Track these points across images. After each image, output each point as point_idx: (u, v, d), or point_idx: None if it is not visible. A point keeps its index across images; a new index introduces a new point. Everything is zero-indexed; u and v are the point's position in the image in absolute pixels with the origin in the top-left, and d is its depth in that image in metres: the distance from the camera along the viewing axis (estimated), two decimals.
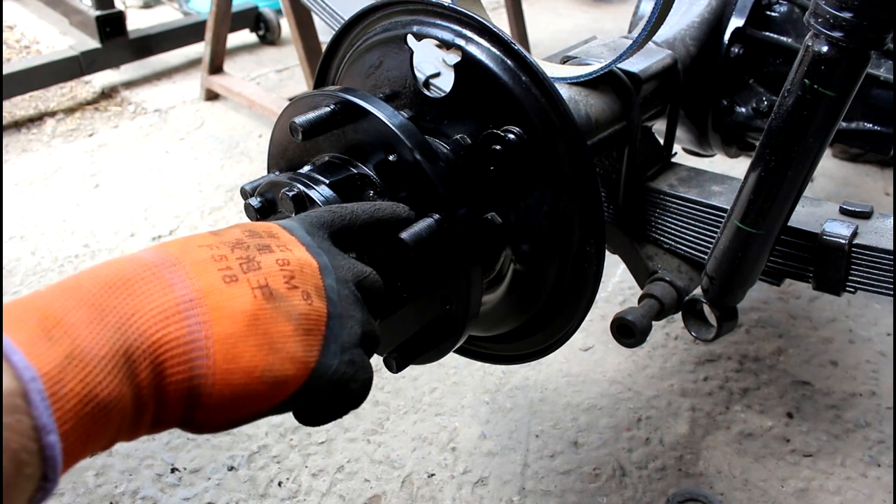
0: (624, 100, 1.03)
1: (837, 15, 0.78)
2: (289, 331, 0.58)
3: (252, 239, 0.61)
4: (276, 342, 0.57)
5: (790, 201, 0.93)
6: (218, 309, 0.55)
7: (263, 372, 0.56)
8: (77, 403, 0.47)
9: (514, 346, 1.00)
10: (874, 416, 1.55)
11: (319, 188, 0.78)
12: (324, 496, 1.39)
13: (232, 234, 0.61)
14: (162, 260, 0.56)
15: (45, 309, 0.49)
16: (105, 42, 2.78)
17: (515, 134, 0.82)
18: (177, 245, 0.59)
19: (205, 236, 0.61)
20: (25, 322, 0.48)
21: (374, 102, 0.80)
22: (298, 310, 0.59)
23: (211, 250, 0.58)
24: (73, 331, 0.49)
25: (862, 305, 1.83)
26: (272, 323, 0.57)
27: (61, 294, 0.51)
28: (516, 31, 2.94)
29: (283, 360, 0.57)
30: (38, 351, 0.46)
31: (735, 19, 1.23)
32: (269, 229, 0.64)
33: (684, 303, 1.08)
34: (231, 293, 0.56)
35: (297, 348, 0.58)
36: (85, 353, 0.48)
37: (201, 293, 0.55)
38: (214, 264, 0.57)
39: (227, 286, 0.56)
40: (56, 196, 2.26)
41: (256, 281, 0.58)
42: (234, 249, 0.59)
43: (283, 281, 0.59)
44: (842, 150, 2.40)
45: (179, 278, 0.55)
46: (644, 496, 1.39)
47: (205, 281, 0.56)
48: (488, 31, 0.83)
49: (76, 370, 0.47)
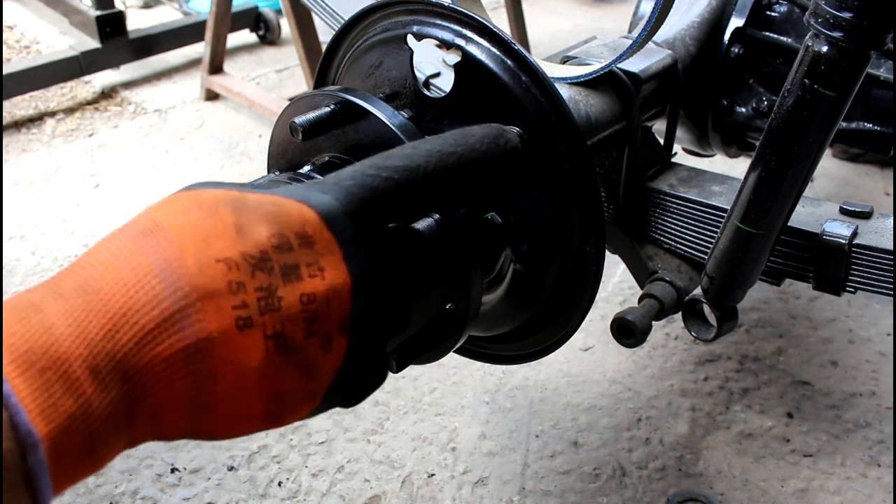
0: (624, 100, 1.03)
1: (837, 15, 0.78)
2: (297, 383, 0.53)
3: (280, 254, 0.52)
4: (282, 394, 0.53)
5: (790, 201, 0.93)
6: (225, 363, 0.50)
7: (261, 416, 0.54)
8: (75, 460, 0.46)
9: (514, 346, 1.00)
10: (874, 416, 1.55)
11: None
12: (324, 496, 1.39)
13: (258, 238, 0.52)
14: (171, 287, 0.49)
15: (50, 352, 0.46)
16: (105, 42, 2.77)
17: (515, 134, 0.82)
18: (193, 252, 0.50)
19: (227, 233, 0.51)
20: (30, 368, 0.44)
21: (374, 102, 0.80)
22: (312, 360, 0.53)
23: (229, 272, 0.50)
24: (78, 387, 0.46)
25: (862, 305, 1.83)
26: (280, 376, 0.52)
27: (68, 335, 0.47)
28: (516, 31, 2.94)
29: (284, 409, 0.54)
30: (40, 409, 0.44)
31: (735, 19, 1.23)
32: (303, 228, 0.54)
33: (684, 303, 1.08)
34: (242, 344, 0.50)
35: (302, 397, 0.54)
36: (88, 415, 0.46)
37: (209, 342, 0.49)
38: (230, 299, 0.50)
39: (239, 334, 0.50)
40: (56, 196, 2.26)
41: (272, 327, 0.51)
42: (256, 273, 0.51)
43: (303, 326, 0.52)
44: (842, 150, 2.40)
45: (188, 321, 0.49)
46: (644, 496, 1.39)
47: (216, 325, 0.49)
48: (488, 31, 0.83)
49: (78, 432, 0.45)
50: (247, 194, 0.55)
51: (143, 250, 0.50)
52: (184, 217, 0.52)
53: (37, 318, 0.47)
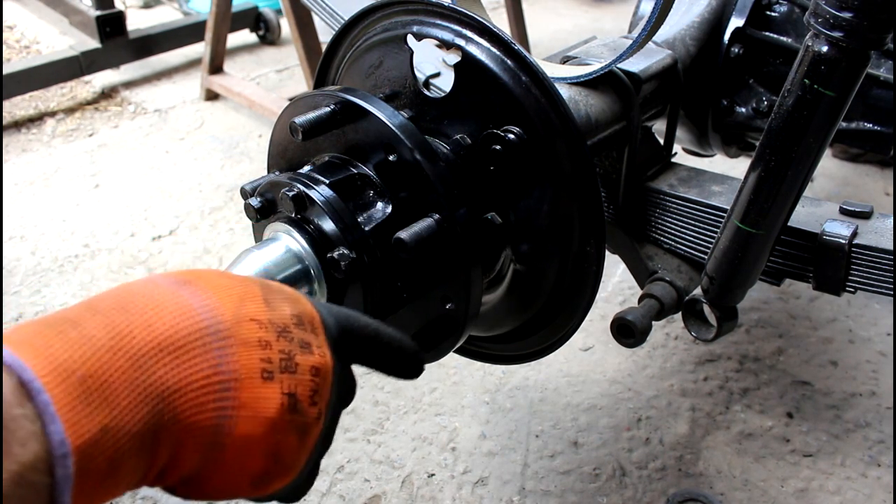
0: (624, 100, 1.03)
1: (837, 15, 0.78)
2: (294, 445, 0.57)
3: (298, 330, 0.58)
4: (280, 454, 0.56)
5: (790, 201, 0.93)
6: (246, 407, 0.53)
7: (258, 476, 0.56)
8: (98, 480, 0.46)
9: (515, 346, 1.00)
10: (874, 416, 1.55)
11: (319, 188, 0.78)
12: (324, 496, 1.39)
13: (283, 313, 0.58)
14: (214, 327, 0.53)
15: (91, 363, 0.46)
16: (105, 42, 2.78)
17: (515, 134, 0.82)
18: (231, 305, 0.55)
19: (258, 302, 0.57)
20: (68, 375, 0.45)
21: (374, 102, 0.80)
22: (308, 426, 0.58)
23: (260, 330, 0.55)
24: (115, 398, 0.46)
25: (862, 305, 1.83)
26: (284, 434, 0.56)
27: (110, 344, 0.48)
28: (516, 31, 2.94)
29: (279, 470, 0.57)
30: (77, 419, 0.44)
31: (735, 19, 1.23)
32: (314, 320, 0.61)
33: (684, 303, 1.08)
34: (263, 393, 0.54)
35: (293, 460, 0.58)
36: (120, 429, 0.46)
37: (238, 383, 0.53)
38: (259, 351, 0.54)
39: (262, 383, 0.54)
40: (56, 196, 2.26)
41: (288, 386, 0.55)
42: (280, 338, 0.56)
43: (309, 395, 0.57)
44: (842, 150, 2.40)
45: (225, 358, 0.52)
46: (644, 496, 1.39)
47: (245, 369, 0.53)
48: (488, 31, 0.83)
49: (107, 446, 0.45)
50: (268, 280, 0.62)
51: (184, 292, 0.54)
52: (219, 280, 0.57)
53: (75, 331, 0.47)
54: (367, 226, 0.78)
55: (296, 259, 0.77)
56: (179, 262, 1.98)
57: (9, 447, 0.41)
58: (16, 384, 0.43)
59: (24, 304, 1.83)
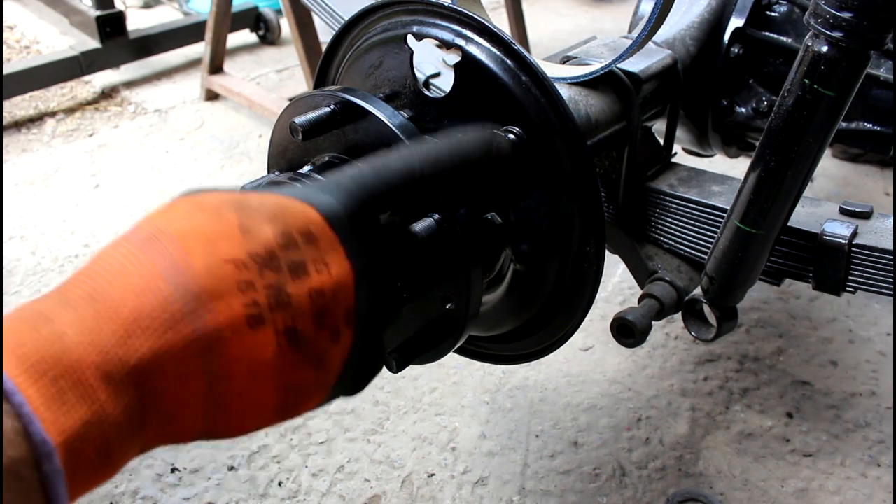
0: (624, 100, 1.03)
1: (837, 15, 0.78)
2: (309, 375, 0.54)
3: (286, 252, 0.53)
4: (295, 386, 0.54)
5: (790, 201, 0.93)
6: (238, 361, 0.50)
7: (275, 408, 0.54)
8: (89, 468, 0.46)
9: (514, 346, 1.00)
10: (874, 416, 1.55)
11: None
12: (324, 496, 1.39)
13: (265, 238, 0.53)
14: (182, 289, 0.49)
15: (63, 365, 0.45)
16: (105, 42, 2.77)
17: (515, 134, 0.82)
18: (200, 255, 0.50)
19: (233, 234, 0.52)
20: (43, 376, 0.44)
21: (374, 102, 0.80)
22: (322, 352, 0.54)
23: (238, 271, 0.51)
24: (92, 393, 0.46)
25: (862, 305, 1.83)
26: (293, 370, 0.53)
27: (80, 342, 0.47)
28: (516, 31, 2.94)
29: (297, 401, 0.55)
30: (54, 417, 0.44)
31: (735, 19, 1.23)
32: (307, 227, 0.55)
33: (684, 303, 1.08)
34: (254, 341, 0.51)
35: (314, 388, 0.55)
36: (103, 420, 0.46)
37: (221, 340, 0.49)
38: (240, 297, 0.50)
39: (250, 331, 0.50)
40: (56, 196, 2.26)
41: (283, 323, 0.52)
42: (264, 271, 0.52)
43: (313, 320, 0.53)
44: (842, 150, 2.40)
45: (200, 319, 0.49)
46: (644, 496, 1.39)
47: (227, 322, 0.50)
48: (488, 31, 0.83)
49: (93, 437, 0.45)
50: (248, 195, 0.56)
51: (150, 256, 0.50)
52: (187, 221, 0.52)
53: (47, 327, 0.47)
54: None
55: None
56: None
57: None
58: None
59: None
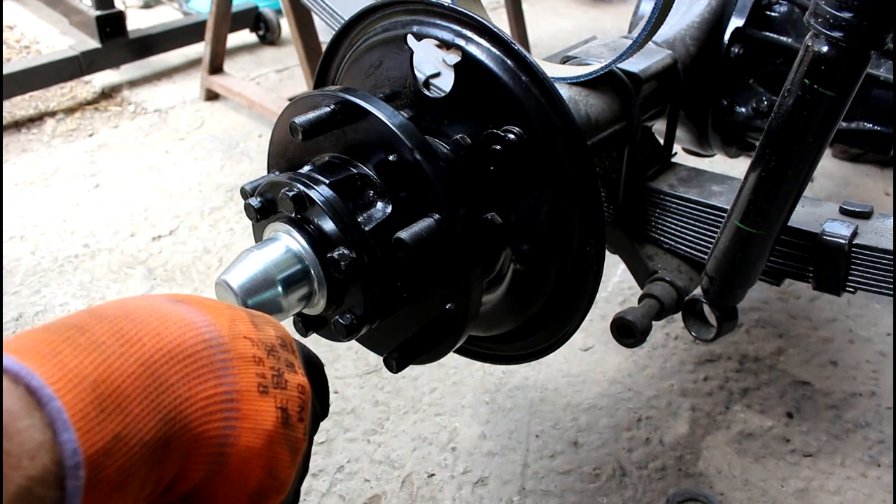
0: (624, 100, 1.03)
1: (837, 15, 0.78)
2: (286, 461, 0.58)
3: (283, 351, 0.60)
4: (276, 469, 0.57)
5: (790, 201, 0.93)
6: (248, 418, 0.54)
7: (255, 492, 0.56)
8: (108, 490, 0.44)
9: (515, 346, 1.00)
10: (874, 416, 1.55)
11: (319, 188, 0.78)
12: (324, 496, 1.39)
13: (269, 335, 0.60)
14: (216, 340, 0.54)
15: (103, 369, 0.45)
16: (105, 42, 2.77)
17: (515, 134, 0.82)
18: (226, 323, 0.56)
19: (247, 323, 0.59)
20: (80, 381, 0.43)
21: (374, 102, 0.80)
22: (297, 442, 0.59)
23: (253, 347, 0.57)
24: (127, 405, 0.45)
25: (862, 305, 1.83)
26: (279, 449, 0.57)
27: (121, 351, 0.47)
28: (516, 31, 2.94)
29: (274, 486, 0.57)
30: (90, 427, 0.43)
31: (735, 19, 1.23)
32: (292, 343, 0.63)
33: (684, 303, 1.08)
34: (261, 406, 0.55)
35: (286, 476, 0.59)
36: (132, 437, 0.45)
37: (240, 395, 0.53)
38: (254, 367, 0.56)
39: (259, 396, 0.55)
40: (56, 196, 2.26)
41: (281, 401, 0.57)
42: (270, 356, 0.58)
43: (297, 411, 0.59)
44: (842, 150, 2.40)
45: (228, 370, 0.53)
46: (644, 496, 1.39)
47: (245, 382, 0.54)
48: (488, 31, 0.83)
49: (119, 455, 0.44)
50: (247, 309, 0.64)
51: (181, 308, 0.54)
52: (209, 301, 0.58)
53: (83, 337, 0.46)
54: (367, 226, 0.78)
55: (296, 259, 0.77)
56: (179, 261, 1.98)
57: (18, 461, 0.39)
58: (23, 393, 0.41)
59: (24, 304, 1.83)
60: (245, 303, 0.73)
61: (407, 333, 0.85)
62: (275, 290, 0.75)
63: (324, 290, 0.78)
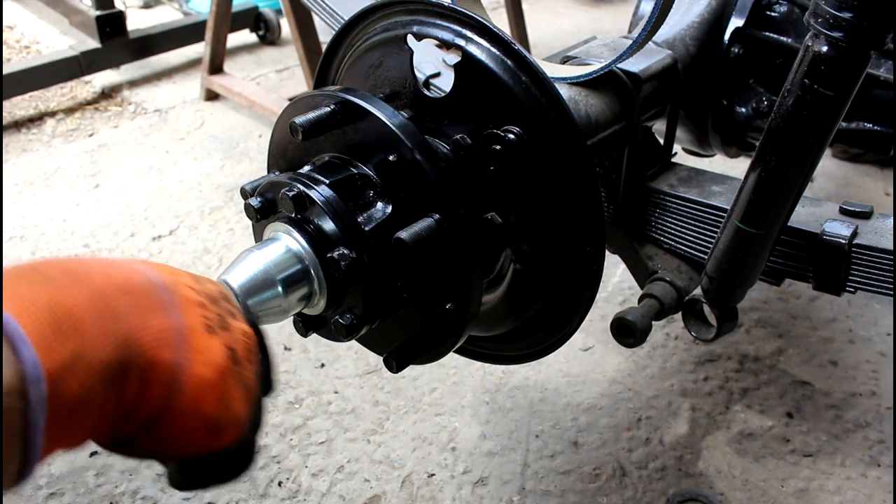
0: (624, 100, 1.03)
1: (837, 15, 0.78)
2: (240, 397, 0.61)
3: (225, 303, 0.64)
4: (229, 402, 0.60)
5: (790, 201, 0.93)
6: (198, 351, 0.57)
7: (212, 423, 0.59)
8: (70, 406, 0.47)
9: (515, 346, 1.00)
10: (874, 416, 1.55)
11: (319, 188, 0.78)
12: (324, 496, 1.39)
13: (209, 289, 0.64)
14: (161, 283, 0.58)
15: (56, 296, 0.48)
16: (105, 42, 2.77)
17: (515, 134, 0.82)
18: (168, 273, 0.61)
19: (188, 276, 0.63)
20: (36, 306, 0.47)
21: (374, 102, 0.80)
22: (248, 382, 0.63)
23: (196, 295, 0.61)
24: (83, 328, 0.48)
25: (862, 305, 1.83)
26: (231, 385, 0.60)
27: (72, 283, 0.50)
28: (516, 31, 2.94)
29: (228, 418, 0.60)
30: (47, 344, 0.46)
31: (735, 19, 1.23)
32: (233, 301, 0.67)
33: (684, 303, 1.08)
34: (210, 343, 0.59)
35: (239, 412, 0.62)
36: (90, 355, 0.48)
37: (189, 330, 0.57)
38: (199, 310, 0.60)
39: (207, 335, 0.59)
40: (56, 196, 2.26)
41: (227, 340, 0.61)
42: (212, 304, 0.62)
43: (244, 351, 0.63)
44: (842, 150, 2.40)
45: (174, 308, 0.57)
46: (644, 496, 1.39)
47: (191, 320, 0.58)
48: (488, 31, 0.83)
49: (79, 371, 0.47)
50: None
51: (125, 261, 0.59)
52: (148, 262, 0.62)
53: (35, 274, 0.50)
54: (367, 226, 0.78)
55: (296, 259, 0.77)
56: (179, 261, 1.98)
57: None
58: None
59: None
60: (245, 303, 0.73)
61: (407, 333, 0.85)
62: (275, 290, 0.75)
63: (324, 289, 0.79)
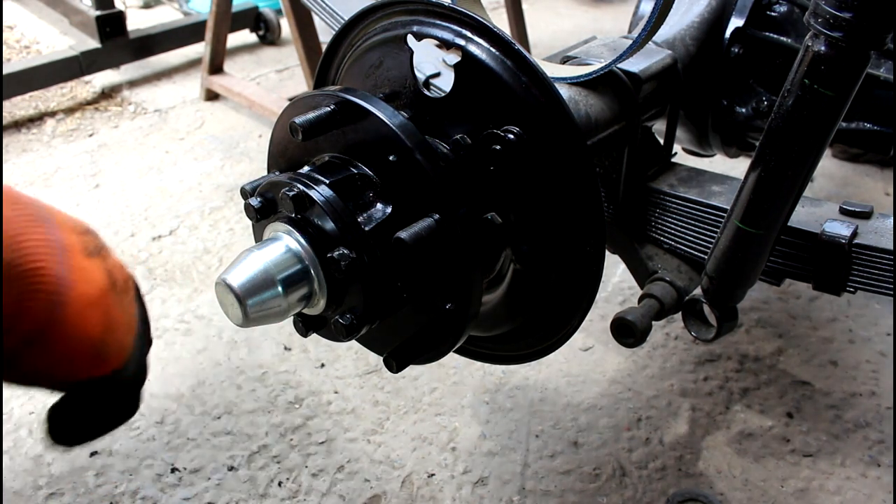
0: (624, 100, 1.03)
1: (837, 15, 0.78)
2: (123, 322, 0.64)
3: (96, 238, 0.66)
4: (112, 326, 0.62)
5: (790, 201, 0.93)
6: (80, 270, 0.60)
7: (95, 343, 0.61)
8: None
9: (514, 346, 1.00)
10: (874, 416, 1.55)
11: (319, 188, 0.78)
12: (324, 496, 1.39)
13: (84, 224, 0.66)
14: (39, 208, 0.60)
15: None
16: (105, 42, 2.77)
17: (515, 134, 0.82)
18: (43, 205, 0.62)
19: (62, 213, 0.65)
20: None
21: (374, 102, 0.80)
22: (129, 310, 0.65)
23: (71, 222, 0.63)
24: None
25: (862, 305, 1.83)
26: (113, 308, 0.62)
27: None
28: (516, 31, 2.94)
29: (112, 342, 0.63)
30: None
31: (735, 19, 1.23)
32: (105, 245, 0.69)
33: (684, 303, 1.08)
34: (90, 265, 0.61)
35: (122, 339, 0.64)
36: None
37: (70, 249, 0.59)
38: (76, 236, 0.62)
39: (87, 257, 0.61)
40: (56, 196, 2.26)
41: (106, 267, 0.63)
42: (87, 234, 0.64)
43: (123, 280, 0.65)
44: (842, 150, 2.40)
45: (54, 227, 0.59)
46: (644, 496, 1.39)
47: (71, 242, 0.60)
48: (488, 31, 0.83)
49: None
50: None
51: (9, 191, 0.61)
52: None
53: None
54: (367, 226, 0.78)
55: (296, 259, 0.77)
56: (179, 261, 1.98)
57: None
58: None
59: None
60: (245, 303, 0.73)
61: (407, 333, 0.85)
62: (275, 289, 0.75)
63: (324, 289, 0.79)
